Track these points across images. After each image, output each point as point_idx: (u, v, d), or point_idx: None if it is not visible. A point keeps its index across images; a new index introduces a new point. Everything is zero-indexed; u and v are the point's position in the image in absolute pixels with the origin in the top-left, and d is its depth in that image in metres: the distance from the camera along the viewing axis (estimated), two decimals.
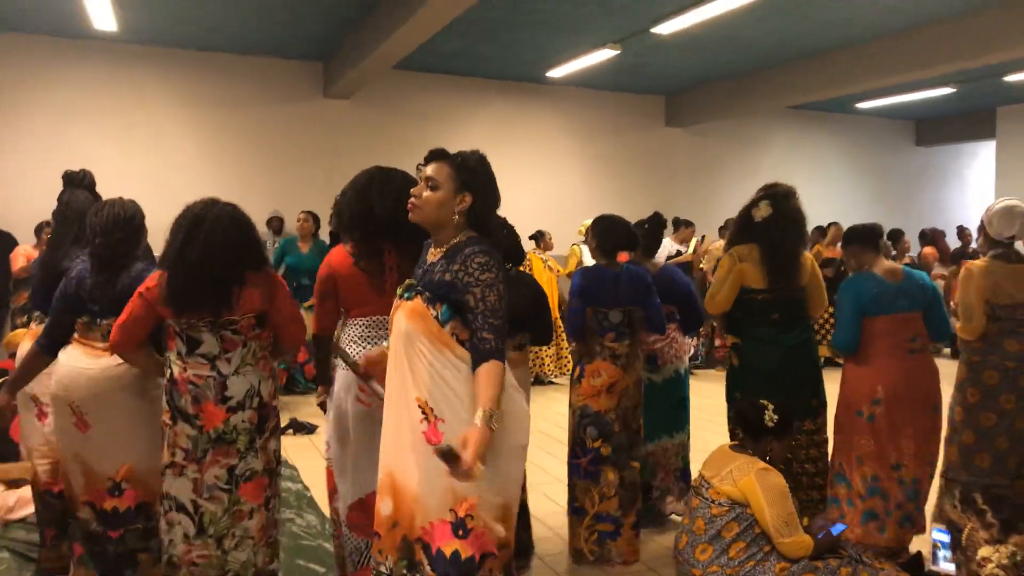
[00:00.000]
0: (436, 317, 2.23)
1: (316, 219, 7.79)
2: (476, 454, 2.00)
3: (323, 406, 3.10)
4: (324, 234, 7.59)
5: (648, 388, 3.98)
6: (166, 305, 2.69)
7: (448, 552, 2.15)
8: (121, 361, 2.86)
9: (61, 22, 8.18)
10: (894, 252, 9.03)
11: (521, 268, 3.54)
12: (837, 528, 3.07)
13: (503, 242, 3.29)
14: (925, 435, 3.53)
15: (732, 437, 3.79)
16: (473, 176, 2.30)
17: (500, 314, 2.19)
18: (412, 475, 2.21)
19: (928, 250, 10.05)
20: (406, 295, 2.32)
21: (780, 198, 3.68)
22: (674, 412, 4.18)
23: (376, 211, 2.83)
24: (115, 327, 2.75)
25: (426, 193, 2.28)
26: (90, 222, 2.99)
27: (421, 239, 2.48)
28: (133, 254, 3.02)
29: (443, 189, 2.28)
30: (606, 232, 3.77)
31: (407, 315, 2.26)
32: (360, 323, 2.94)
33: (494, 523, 2.18)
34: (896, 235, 9.23)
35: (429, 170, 2.30)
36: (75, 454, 2.95)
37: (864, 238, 3.67)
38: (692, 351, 6.25)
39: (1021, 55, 7.63)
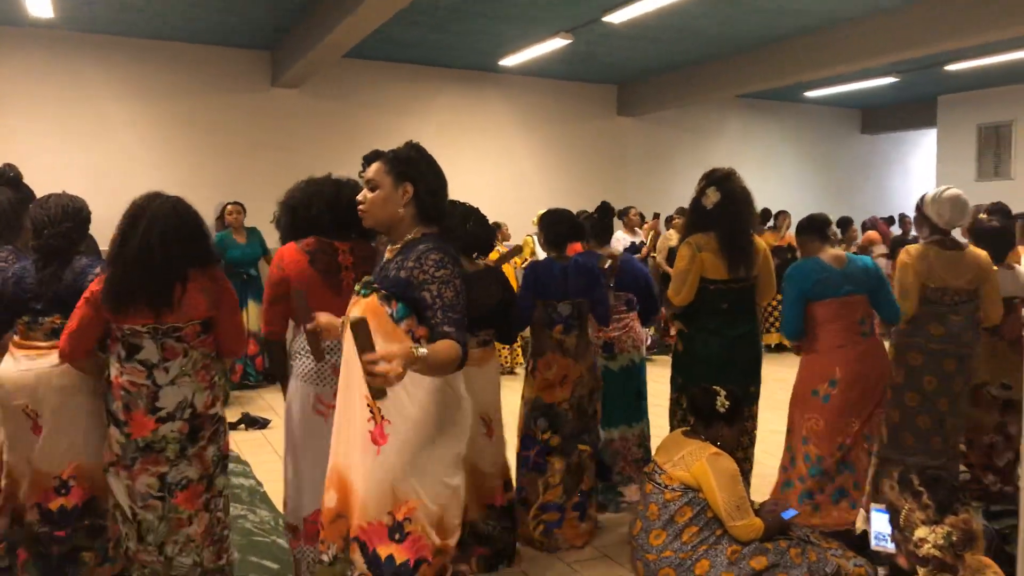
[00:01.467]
0: (391, 315, 2.21)
1: (243, 209, 7.63)
2: (394, 355, 1.86)
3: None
4: (251, 221, 7.50)
5: (605, 375, 4.00)
6: (106, 307, 2.62)
7: (383, 555, 2.16)
8: None
9: None
10: (842, 239, 9.23)
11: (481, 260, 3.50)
12: (788, 513, 3.14)
13: (470, 234, 3.29)
14: (873, 416, 3.63)
15: (671, 418, 3.86)
16: (408, 165, 2.29)
17: (459, 308, 2.18)
18: (357, 472, 2.21)
19: (871, 233, 10.30)
20: (363, 292, 2.30)
21: (723, 180, 3.72)
22: (632, 402, 4.20)
23: (342, 217, 2.84)
24: (64, 335, 2.69)
25: (369, 196, 2.29)
26: (35, 215, 2.91)
27: (372, 237, 2.46)
28: (77, 247, 2.95)
29: (382, 187, 2.28)
30: (551, 225, 3.80)
31: (361, 311, 2.23)
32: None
33: (430, 529, 2.18)
34: (845, 223, 9.43)
35: (368, 173, 2.31)
36: (27, 459, 2.87)
37: (810, 228, 3.75)
38: (649, 341, 6.29)
39: (961, 44, 7.84)
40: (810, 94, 12.43)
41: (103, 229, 2.86)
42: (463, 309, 2.20)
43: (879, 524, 2.40)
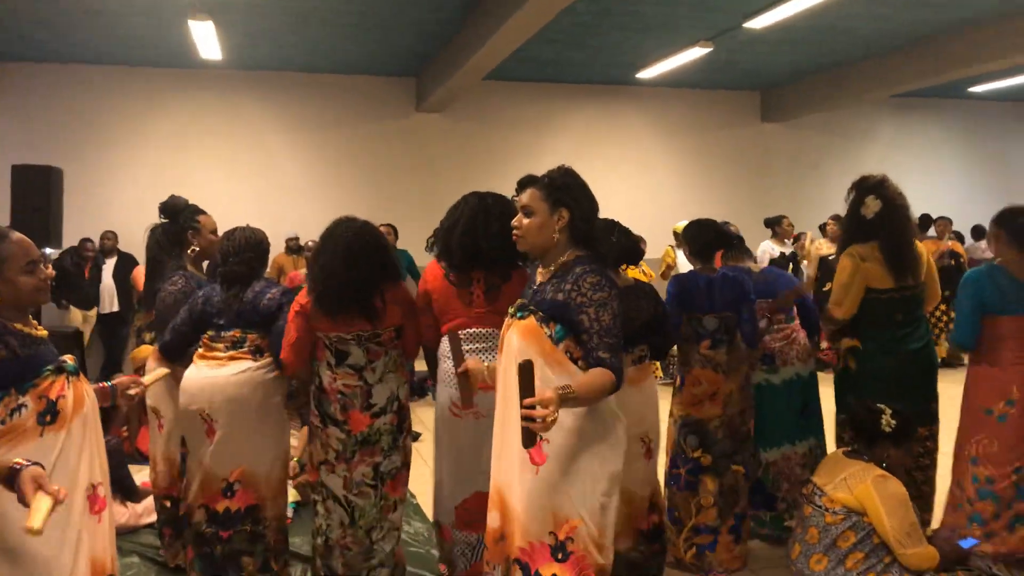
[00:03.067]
0: (550, 336, 2.24)
1: (395, 231, 7.90)
2: (550, 401, 1.93)
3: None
4: (402, 243, 7.74)
5: (766, 390, 3.83)
6: (317, 319, 2.93)
7: (547, 575, 2.16)
8: (247, 366, 3.03)
9: (169, 53, 8.67)
10: None
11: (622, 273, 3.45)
12: (968, 542, 2.89)
13: (616, 245, 3.28)
14: None
15: (838, 443, 3.63)
16: (564, 191, 2.31)
17: (615, 332, 2.19)
18: (515, 493, 2.23)
19: None
20: (519, 314, 2.34)
21: (880, 187, 3.51)
22: (796, 418, 3.94)
23: (482, 245, 2.91)
24: (286, 348, 3.01)
25: (525, 222, 2.33)
26: (223, 246, 3.26)
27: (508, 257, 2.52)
28: (257, 273, 3.25)
29: (538, 213, 2.31)
30: (697, 235, 3.69)
31: (520, 333, 2.27)
32: (447, 336, 3.02)
33: (592, 548, 2.17)
34: None
35: (523, 198, 2.35)
36: (200, 461, 3.11)
37: (1005, 225, 3.36)
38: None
39: None
40: (976, 89, 11.52)
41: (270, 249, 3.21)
42: (619, 332, 2.21)
43: None
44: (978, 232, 10.32)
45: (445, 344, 3.03)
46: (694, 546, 3.57)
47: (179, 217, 3.62)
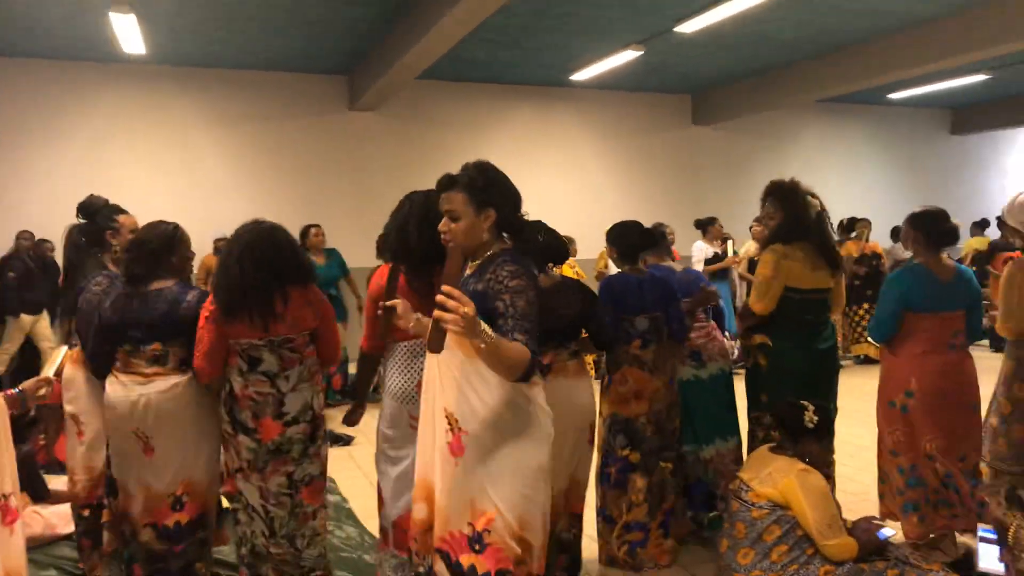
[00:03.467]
0: None
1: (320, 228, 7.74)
2: (471, 306, 1.94)
3: (350, 422, 3.25)
4: (334, 243, 7.60)
5: (695, 385, 3.89)
6: (228, 324, 2.87)
7: (466, 565, 2.19)
8: (175, 381, 2.94)
9: (90, 47, 8.36)
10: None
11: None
12: (884, 533, 3.00)
13: (542, 245, 3.29)
14: (956, 432, 3.45)
15: (751, 440, 3.73)
16: (487, 190, 2.31)
17: (530, 319, 2.19)
18: (439, 485, 2.27)
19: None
20: None
21: (795, 190, 3.62)
22: (724, 414, 4.03)
23: (412, 243, 2.86)
24: (198, 356, 2.91)
25: (452, 226, 2.31)
26: (126, 244, 3.16)
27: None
28: (161, 270, 3.08)
29: (465, 216, 2.29)
30: (621, 237, 3.73)
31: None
32: (405, 347, 2.95)
33: (510, 540, 2.18)
34: None
35: (446, 203, 2.32)
36: (138, 478, 3.01)
37: (922, 227, 3.52)
38: (736, 353, 6.02)
39: None
40: (895, 95, 12.00)
41: (196, 249, 3.08)
42: (535, 320, 2.20)
43: (987, 543, 2.27)
44: (897, 233, 10.73)
45: (397, 356, 2.96)
46: (627, 543, 3.62)
47: (97, 217, 3.48)
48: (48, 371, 2.50)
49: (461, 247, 2.32)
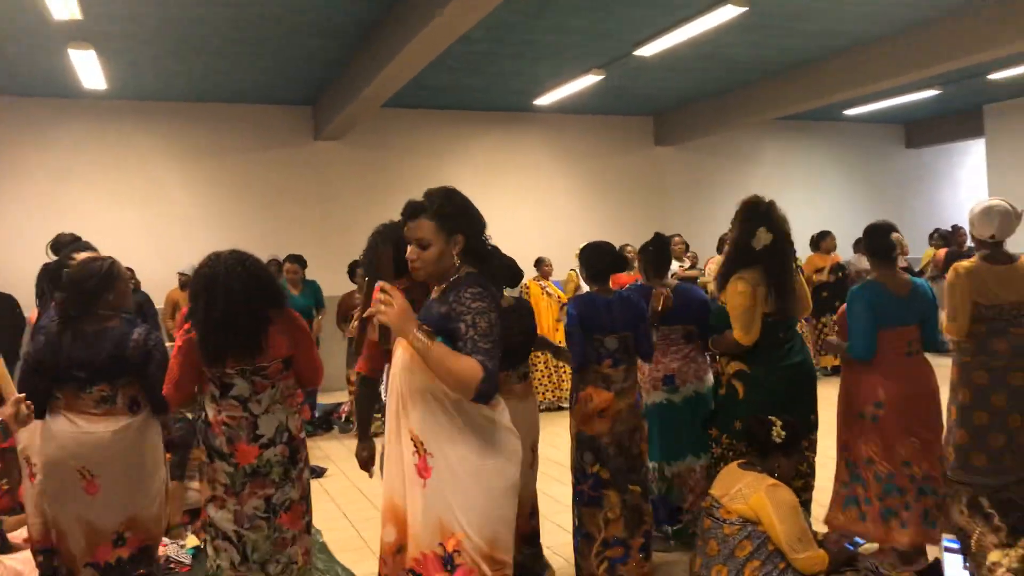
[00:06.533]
0: None
1: (302, 262, 7.71)
2: (397, 308, 2.11)
3: (365, 464, 3.02)
4: (311, 273, 7.59)
5: (667, 408, 3.94)
6: (201, 359, 2.82)
7: None
8: (127, 422, 2.91)
9: (52, 83, 8.29)
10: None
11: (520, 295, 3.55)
12: (855, 544, 3.04)
13: (500, 264, 3.33)
14: (930, 435, 3.53)
15: (720, 463, 3.76)
16: (456, 217, 2.33)
17: (491, 339, 2.21)
18: (409, 506, 2.27)
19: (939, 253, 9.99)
20: None
21: (769, 217, 3.62)
22: (698, 432, 4.05)
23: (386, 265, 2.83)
24: (168, 386, 2.86)
25: (421, 254, 2.32)
26: (61, 278, 3.06)
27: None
28: (95, 307, 3.02)
29: (435, 244, 2.31)
30: (591, 258, 3.77)
31: (403, 347, 2.30)
32: None
33: (480, 561, 2.20)
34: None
35: (414, 231, 2.32)
36: (79, 516, 2.96)
37: (870, 246, 3.62)
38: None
39: (1002, 54, 7.69)
40: (850, 112, 12.28)
41: (162, 285, 3.02)
42: (496, 341, 2.22)
43: (951, 552, 2.32)
44: (859, 245, 10.94)
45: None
46: (606, 560, 3.61)
47: (60, 254, 3.48)
48: (11, 390, 2.46)
49: (430, 273, 2.34)
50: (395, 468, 2.34)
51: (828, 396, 3.87)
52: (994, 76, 9.95)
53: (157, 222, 9.31)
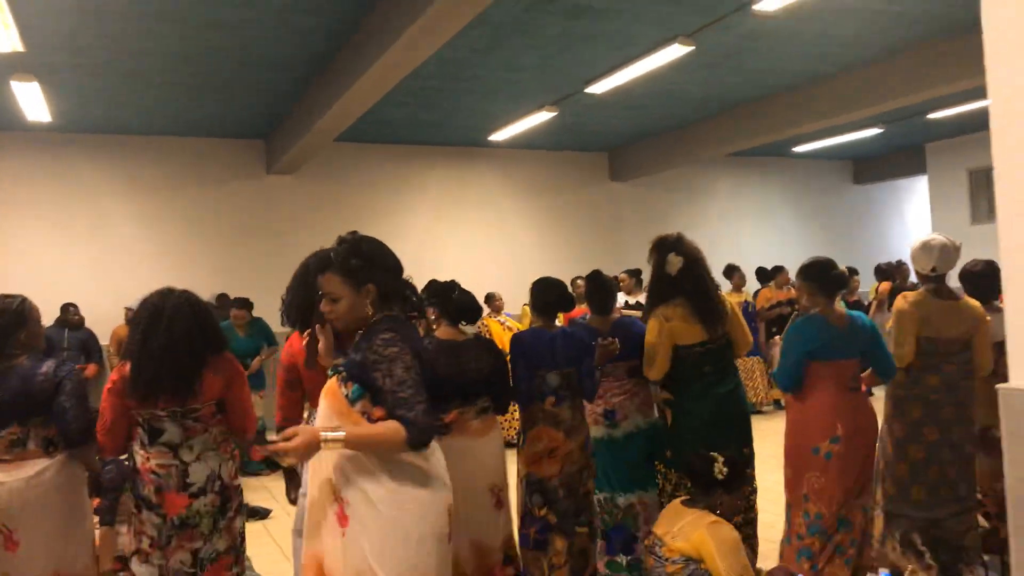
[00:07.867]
0: (346, 396, 2.24)
1: (249, 305, 7.54)
2: (294, 445, 2.05)
3: (294, 500, 3.10)
4: (262, 309, 7.46)
5: (608, 443, 3.90)
6: (131, 396, 2.75)
7: None
8: (43, 466, 2.77)
9: None
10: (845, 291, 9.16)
11: (480, 331, 3.50)
12: None
13: (455, 303, 3.30)
14: (866, 473, 3.55)
15: (660, 496, 3.75)
16: (363, 267, 2.29)
17: (409, 384, 2.17)
18: (330, 556, 2.21)
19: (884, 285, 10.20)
20: (330, 372, 2.34)
21: (679, 244, 3.75)
22: (644, 466, 3.99)
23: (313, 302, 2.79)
24: (100, 432, 2.78)
25: (333, 307, 2.30)
26: None
27: None
28: (3, 351, 2.89)
29: (345, 298, 2.29)
30: (539, 294, 3.77)
31: (322, 394, 2.28)
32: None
33: None
34: (849, 272, 9.38)
35: (325, 285, 2.30)
36: (2, 574, 2.81)
37: (811, 278, 3.62)
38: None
39: (941, 93, 7.96)
40: (799, 149, 12.57)
41: (108, 321, 2.93)
42: (417, 382, 2.18)
43: None
44: None
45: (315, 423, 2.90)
46: None
47: None
48: None
49: (346, 324, 2.31)
50: (315, 518, 2.29)
51: (777, 430, 3.88)
52: (934, 115, 10.27)
53: (104, 257, 9.11)
